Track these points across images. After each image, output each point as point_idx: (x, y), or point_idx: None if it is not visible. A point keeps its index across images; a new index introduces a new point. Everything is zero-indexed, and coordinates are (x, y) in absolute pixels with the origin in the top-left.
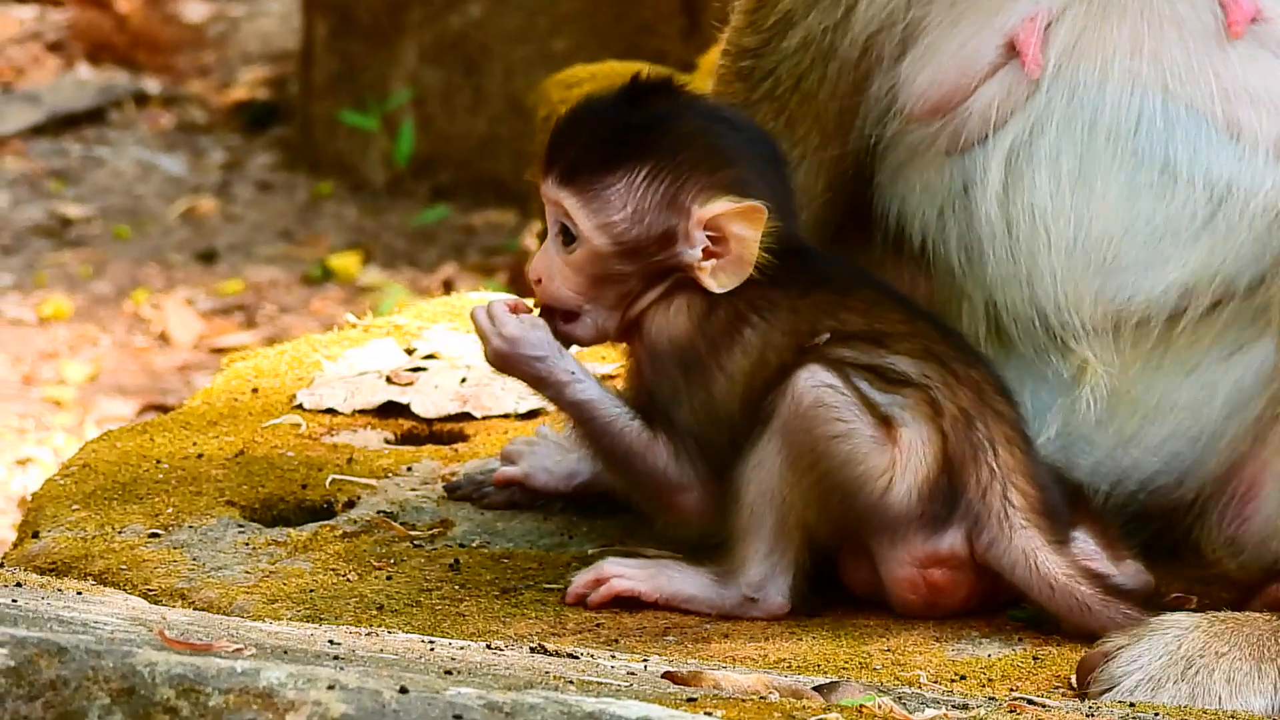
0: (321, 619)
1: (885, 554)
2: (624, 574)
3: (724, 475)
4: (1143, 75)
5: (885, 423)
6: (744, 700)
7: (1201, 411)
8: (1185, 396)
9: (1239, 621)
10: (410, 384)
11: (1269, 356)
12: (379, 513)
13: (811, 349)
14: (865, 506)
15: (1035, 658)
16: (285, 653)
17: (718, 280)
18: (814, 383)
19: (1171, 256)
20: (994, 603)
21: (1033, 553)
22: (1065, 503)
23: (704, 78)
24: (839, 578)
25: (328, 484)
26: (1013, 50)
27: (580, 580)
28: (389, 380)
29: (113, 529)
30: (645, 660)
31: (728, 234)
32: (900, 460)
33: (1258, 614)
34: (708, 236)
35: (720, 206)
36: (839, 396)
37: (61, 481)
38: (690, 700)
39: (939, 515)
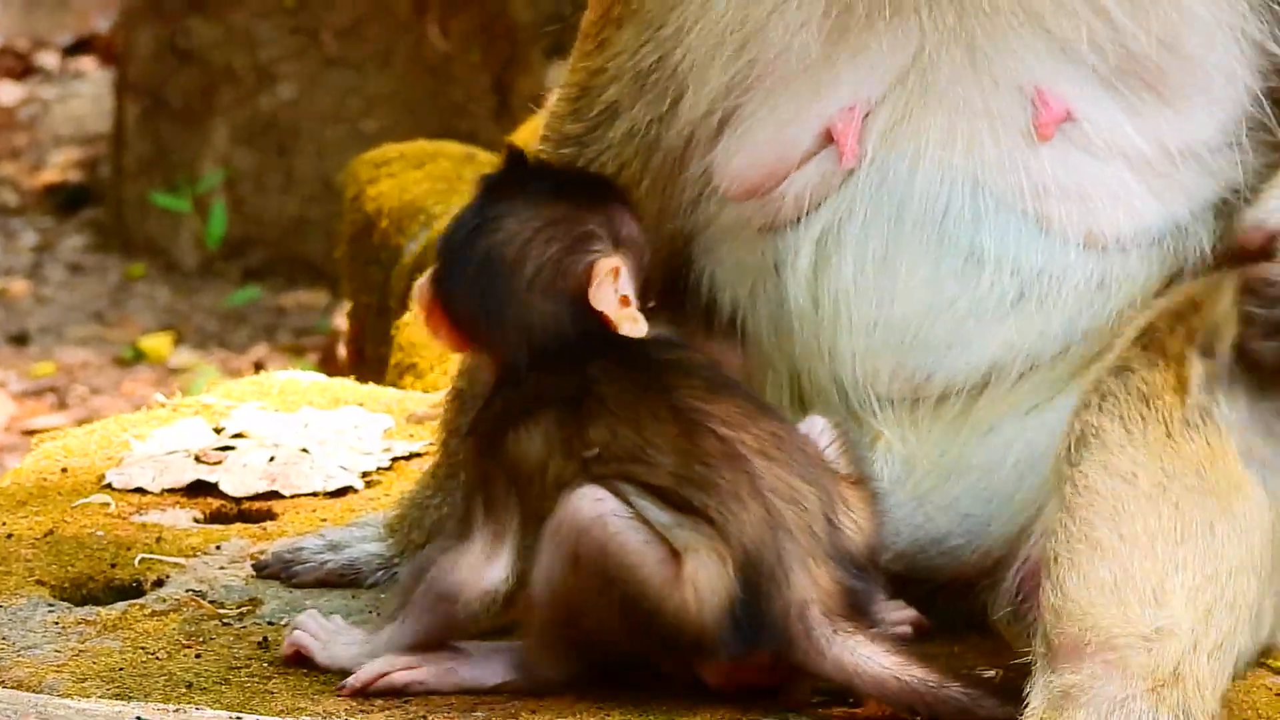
0: (131, 697)
1: (694, 660)
2: (418, 680)
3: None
4: (954, 166)
5: (671, 552)
6: None
7: (995, 471)
8: (980, 457)
9: None
10: (219, 463)
11: (1063, 418)
12: (188, 591)
13: (588, 461)
14: (661, 637)
15: None
16: None
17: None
18: (593, 508)
19: (975, 337)
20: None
21: (848, 659)
22: (869, 578)
23: None
24: None
25: (137, 563)
26: (829, 139)
27: (366, 673)
28: (197, 459)
29: None
30: None
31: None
32: (689, 592)
33: None
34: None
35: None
36: (621, 522)
37: None
38: None
39: (739, 641)
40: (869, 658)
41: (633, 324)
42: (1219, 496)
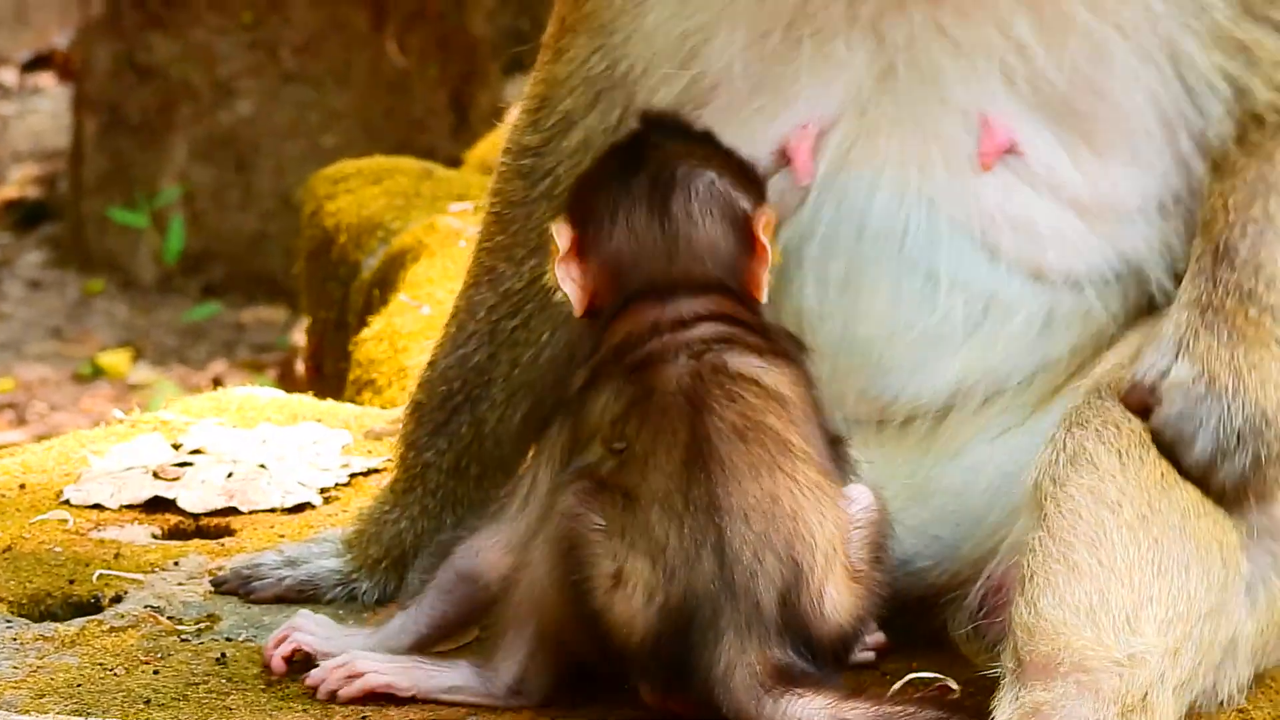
0: (89, 713)
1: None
2: (377, 669)
3: None
4: (911, 187)
5: (617, 576)
6: None
7: (964, 495)
8: (950, 480)
9: None
10: (177, 479)
11: (1034, 443)
12: (146, 607)
13: (613, 451)
14: (604, 650)
15: None
16: None
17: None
18: (574, 512)
19: (938, 361)
20: None
21: (787, 711)
22: (817, 661)
23: (471, 172)
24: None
25: (95, 579)
26: (785, 158)
27: (334, 675)
28: (155, 475)
29: None
30: None
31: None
32: (619, 615)
33: None
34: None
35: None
36: (591, 535)
37: None
38: None
39: (663, 676)
40: (805, 708)
41: (767, 287)
42: (1198, 543)
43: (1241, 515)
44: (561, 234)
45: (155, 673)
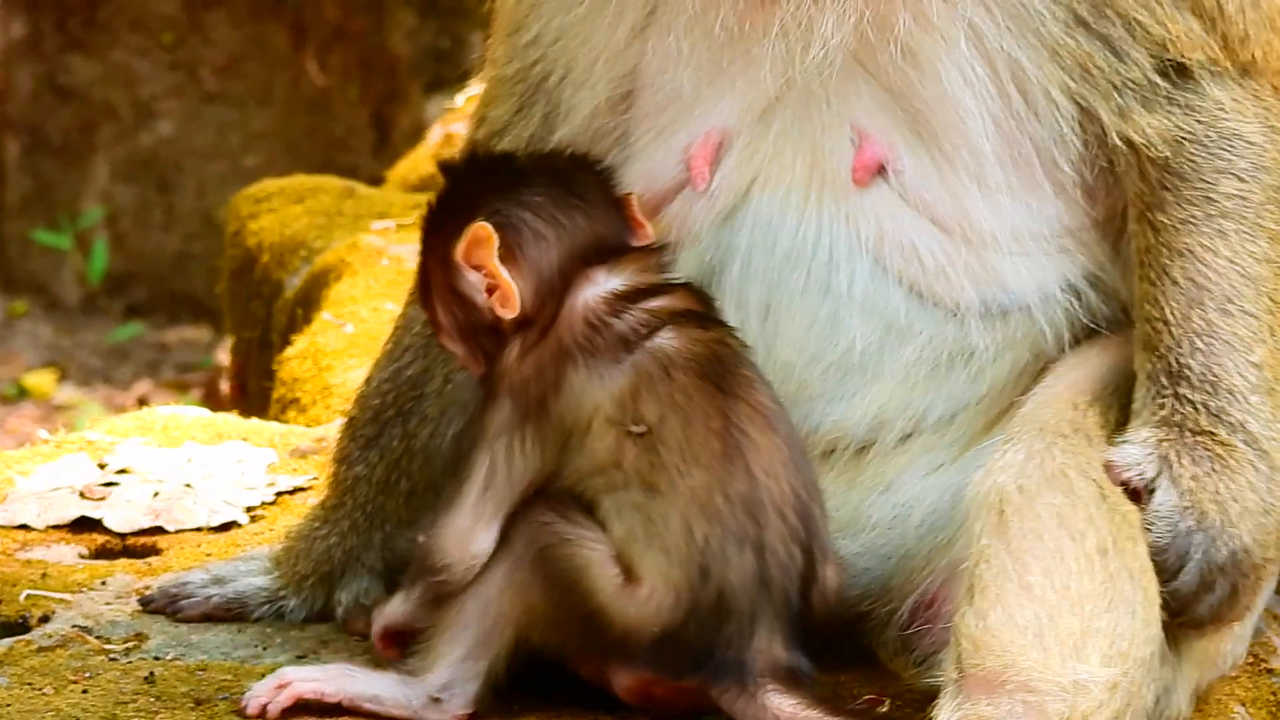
0: None
1: (613, 664)
2: (305, 676)
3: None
4: (811, 204)
5: (628, 572)
6: None
7: (895, 530)
8: (881, 515)
9: None
10: (103, 499)
11: (962, 481)
12: (74, 627)
13: (630, 436)
14: (599, 640)
15: None
16: None
17: (503, 310)
18: (547, 517)
19: (854, 390)
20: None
21: (767, 702)
22: (805, 655)
23: (393, 190)
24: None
25: (22, 599)
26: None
27: (262, 688)
28: (82, 495)
29: None
30: None
31: (480, 262)
32: (639, 610)
33: None
34: (480, 274)
35: (460, 243)
36: (578, 531)
37: None
38: None
39: (676, 665)
40: (782, 705)
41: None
42: (1148, 596)
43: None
44: (490, 235)
45: (84, 692)
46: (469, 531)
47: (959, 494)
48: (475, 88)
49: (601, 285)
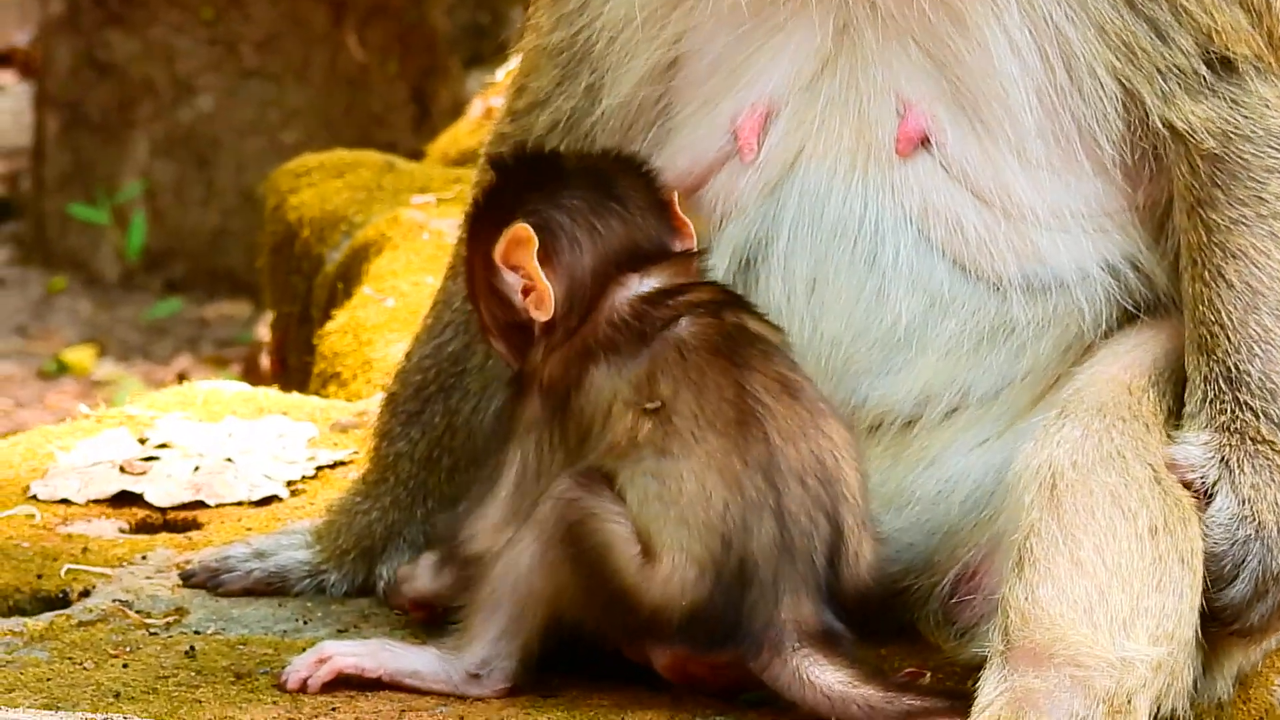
0: (59, 707)
1: (648, 642)
2: (345, 651)
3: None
4: (857, 176)
5: (647, 549)
6: None
7: (940, 506)
8: (925, 490)
9: None
10: (143, 473)
11: (1007, 457)
12: (114, 601)
13: (646, 412)
14: (629, 621)
15: None
16: None
17: (537, 312)
18: (574, 493)
19: (901, 364)
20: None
21: (805, 670)
22: (843, 620)
23: (433, 165)
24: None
25: (63, 574)
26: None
27: (302, 662)
28: (122, 470)
29: None
30: None
31: (519, 263)
32: (658, 589)
33: None
34: (517, 275)
35: (501, 243)
36: (603, 505)
37: None
38: None
39: (706, 639)
40: (822, 672)
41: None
42: (1196, 579)
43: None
44: (530, 236)
45: (124, 666)
46: (503, 526)
47: (1003, 470)
48: (515, 61)
49: (631, 289)
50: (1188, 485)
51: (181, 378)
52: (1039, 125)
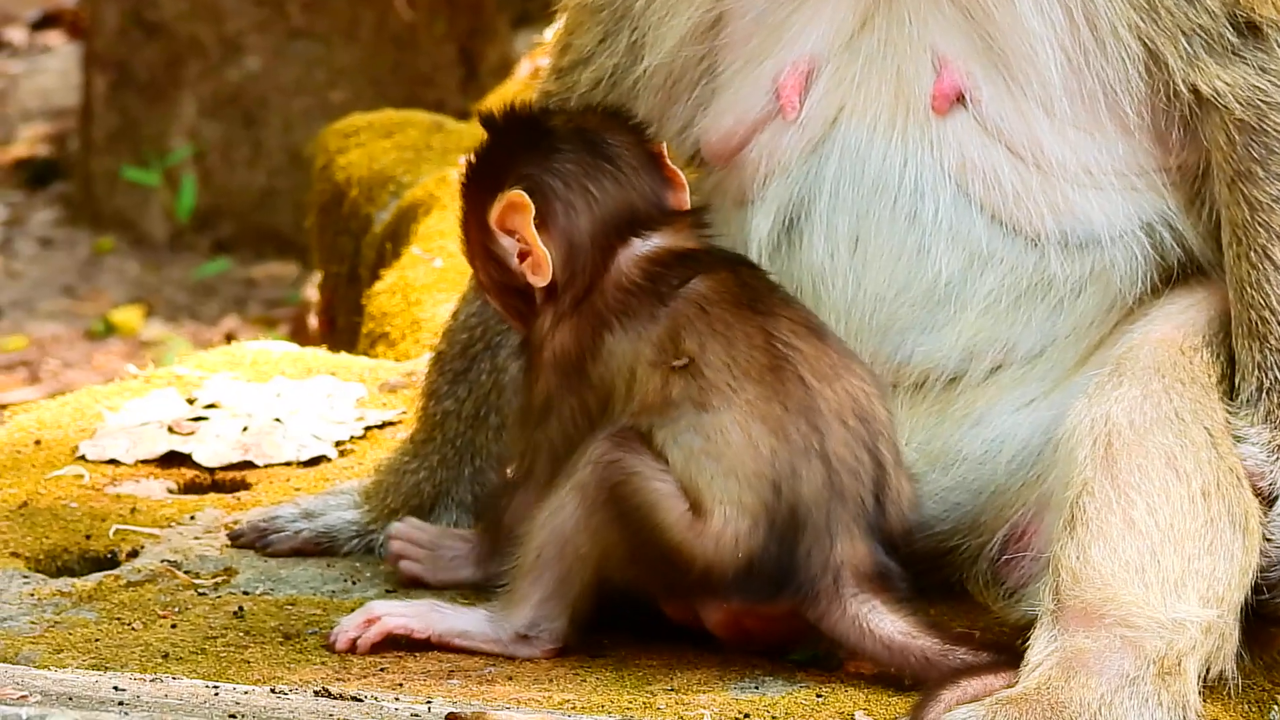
0: (107, 667)
1: (701, 600)
2: (394, 612)
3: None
4: (897, 132)
5: (697, 505)
6: None
7: (987, 465)
8: (972, 449)
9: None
10: (192, 433)
11: (1054, 416)
12: (163, 562)
13: (675, 370)
14: (680, 579)
15: (818, 695)
16: (70, 699)
17: (534, 277)
18: (614, 454)
19: (943, 320)
20: (811, 639)
21: (865, 618)
22: (893, 557)
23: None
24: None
25: (111, 534)
26: (780, 98)
27: (350, 622)
28: (170, 430)
29: None
30: (429, 702)
31: (515, 228)
32: (710, 544)
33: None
34: (513, 239)
35: (495, 208)
36: (645, 464)
37: None
38: None
39: (763, 590)
40: (882, 621)
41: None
42: (1248, 543)
43: None
44: (525, 202)
45: (173, 626)
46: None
47: (1050, 430)
48: (561, 20)
49: (636, 249)
50: (1257, 492)
51: (229, 338)
52: (1065, 83)
